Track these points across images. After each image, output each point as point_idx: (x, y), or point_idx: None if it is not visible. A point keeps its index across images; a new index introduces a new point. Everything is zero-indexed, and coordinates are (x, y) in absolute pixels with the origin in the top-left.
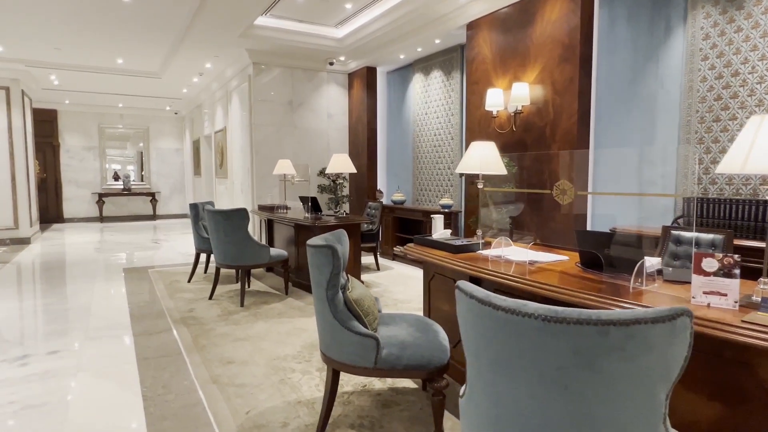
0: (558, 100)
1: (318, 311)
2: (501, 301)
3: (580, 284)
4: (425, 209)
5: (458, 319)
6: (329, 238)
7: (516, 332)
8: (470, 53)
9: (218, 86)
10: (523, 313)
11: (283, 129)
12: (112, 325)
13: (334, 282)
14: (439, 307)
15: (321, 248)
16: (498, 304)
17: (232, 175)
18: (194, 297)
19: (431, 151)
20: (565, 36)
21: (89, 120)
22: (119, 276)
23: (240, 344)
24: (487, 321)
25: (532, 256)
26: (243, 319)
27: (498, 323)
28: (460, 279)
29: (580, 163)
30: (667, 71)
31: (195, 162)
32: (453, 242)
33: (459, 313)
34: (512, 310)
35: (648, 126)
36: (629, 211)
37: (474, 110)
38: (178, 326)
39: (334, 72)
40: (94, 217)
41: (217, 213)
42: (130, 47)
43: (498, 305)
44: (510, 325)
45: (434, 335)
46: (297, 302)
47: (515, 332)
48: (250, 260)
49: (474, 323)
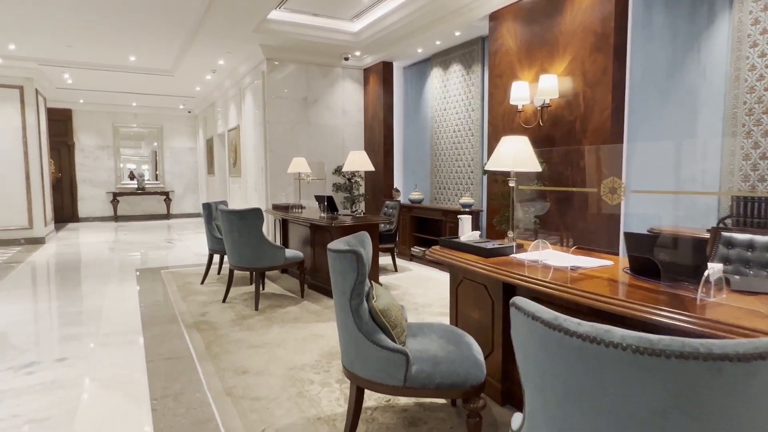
0: (589, 92)
1: (340, 322)
2: (575, 325)
3: (635, 294)
4: (444, 208)
5: (514, 342)
6: (351, 242)
7: (597, 365)
8: (493, 45)
9: (231, 83)
10: (607, 342)
11: (298, 126)
12: (123, 330)
13: (358, 290)
14: (468, 314)
15: (344, 253)
16: (572, 330)
17: (245, 173)
18: (207, 300)
19: (450, 148)
20: (597, 24)
21: (103, 119)
22: (132, 277)
23: (255, 352)
24: (556, 349)
25: (573, 261)
26: (257, 324)
27: (572, 352)
28: (493, 285)
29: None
30: (710, 60)
31: (208, 161)
32: (484, 245)
33: (516, 335)
34: (592, 338)
35: (688, 119)
36: (665, 210)
37: (497, 105)
38: (191, 332)
39: (349, 67)
40: (108, 217)
41: (231, 213)
42: (141, 44)
43: (572, 331)
44: (588, 355)
45: (467, 348)
46: (313, 306)
47: (596, 365)
48: (265, 262)
49: (538, 350)
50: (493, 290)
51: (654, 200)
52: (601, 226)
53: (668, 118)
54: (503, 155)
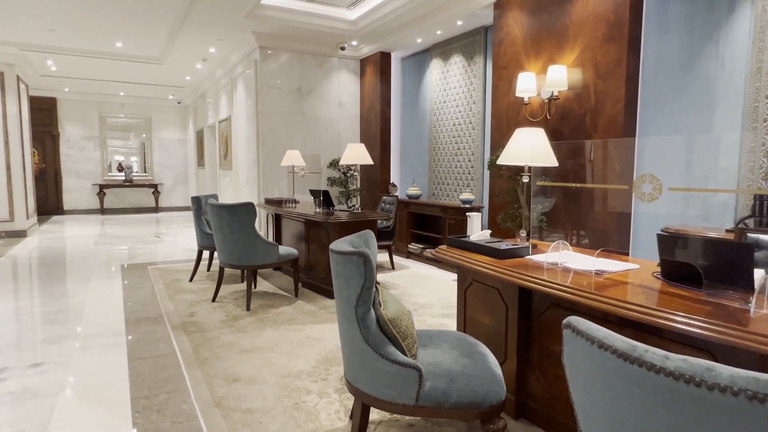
0: (601, 84)
1: (344, 332)
2: (662, 359)
3: (675, 303)
4: (444, 204)
5: (568, 372)
6: (355, 242)
7: (693, 413)
8: (498, 34)
9: (223, 73)
10: (710, 384)
11: (292, 118)
12: (106, 331)
13: (365, 297)
14: (478, 319)
15: (350, 256)
16: (658, 365)
17: (236, 166)
18: (196, 299)
19: (450, 141)
20: (610, 12)
21: (90, 109)
22: (117, 273)
23: (246, 357)
24: (634, 388)
25: (597, 264)
26: (249, 326)
27: (657, 395)
28: (507, 289)
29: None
30: (730, 51)
31: (199, 153)
32: (497, 245)
33: (573, 365)
34: (687, 377)
35: (704, 113)
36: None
37: (501, 97)
38: (178, 334)
39: (345, 57)
40: (94, 209)
41: (221, 207)
42: (128, 29)
43: (659, 366)
44: (681, 400)
45: (483, 361)
46: (308, 306)
47: (692, 413)
48: (257, 260)
49: (606, 388)
50: (508, 295)
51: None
52: (611, 225)
53: (683, 112)
54: (518, 149)
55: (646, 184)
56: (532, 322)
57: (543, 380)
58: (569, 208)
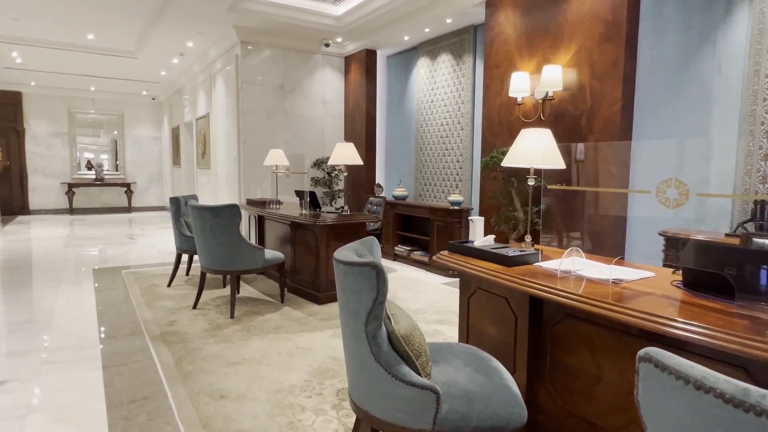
0: (597, 85)
1: (351, 349)
2: None
3: (707, 317)
4: (432, 206)
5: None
6: (360, 250)
7: None
8: (490, 33)
9: (201, 68)
10: None
11: (274, 116)
12: (77, 344)
13: (377, 313)
14: (483, 329)
15: (360, 267)
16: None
17: (215, 165)
18: (176, 306)
19: (437, 142)
20: (607, 11)
21: (58, 104)
22: (89, 278)
23: (234, 370)
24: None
25: (612, 272)
26: (235, 335)
27: None
28: (517, 299)
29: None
30: (727, 53)
31: (174, 151)
32: (504, 252)
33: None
34: None
35: (700, 116)
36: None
37: (493, 97)
38: (158, 345)
39: (329, 54)
40: (63, 209)
41: (203, 210)
42: (101, 20)
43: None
44: None
45: (499, 378)
46: (295, 312)
47: None
48: (241, 265)
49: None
50: (517, 304)
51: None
52: (606, 228)
53: (678, 115)
54: (525, 150)
55: (672, 189)
56: (543, 333)
57: (555, 394)
58: (561, 211)
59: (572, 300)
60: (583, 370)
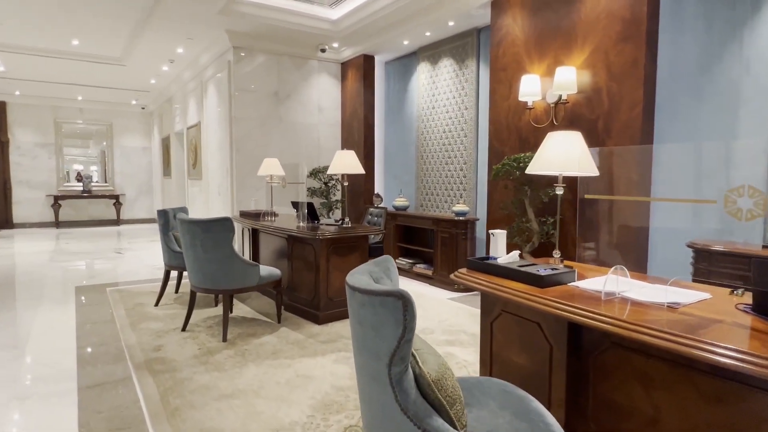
0: (615, 87)
1: (368, 394)
2: None
3: None
4: (435, 216)
5: None
6: (376, 272)
7: None
8: (496, 35)
9: (191, 75)
10: None
11: (268, 123)
12: (53, 374)
13: (403, 353)
14: (510, 358)
15: (383, 297)
16: None
17: (207, 176)
18: (163, 328)
19: (439, 150)
20: (625, 10)
21: (44, 114)
22: (71, 297)
23: (227, 404)
24: None
25: (664, 294)
26: (228, 362)
27: None
28: (552, 324)
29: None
30: (755, 52)
31: (164, 161)
32: (536, 271)
33: None
34: None
35: (726, 118)
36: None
37: (500, 101)
38: (142, 374)
39: (325, 60)
40: (48, 222)
41: (193, 223)
42: (86, 24)
43: None
44: None
45: (545, 425)
46: (294, 334)
47: None
48: (235, 283)
49: None
50: (552, 331)
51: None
52: (628, 240)
53: (701, 117)
54: (554, 155)
55: (745, 197)
56: (584, 364)
57: None
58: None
59: (624, 328)
60: (637, 409)
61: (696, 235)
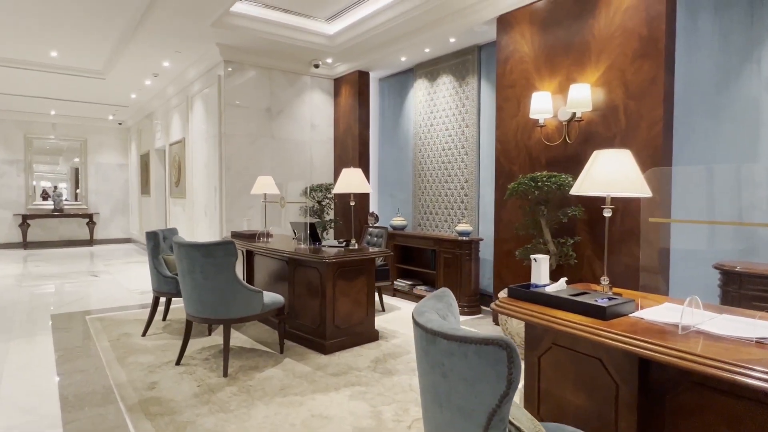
0: (633, 105)
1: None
2: None
3: None
4: (437, 236)
5: None
6: (440, 308)
7: None
8: (503, 52)
9: (176, 90)
10: None
11: (260, 140)
12: (33, 422)
13: (503, 414)
14: (562, 397)
15: (482, 346)
16: None
17: (192, 194)
18: (155, 361)
19: (438, 168)
20: (642, 26)
21: (12, 129)
22: (45, 327)
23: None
24: None
25: (762, 329)
26: (233, 401)
27: None
28: (617, 361)
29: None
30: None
31: (143, 179)
32: (593, 300)
33: None
34: None
35: (747, 138)
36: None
37: (508, 119)
38: (137, 419)
39: (318, 76)
40: (16, 243)
41: (192, 248)
42: (67, 36)
43: None
44: None
45: None
46: (300, 366)
47: None
48: (237, 312)
49: None
50: (618, 368)
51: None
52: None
53: (718, 137)
54: (602, 174)
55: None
56: (657, 406)
57: None
58: (595, 243)
59: (713, 367)
60: None
61: (721, 257)
